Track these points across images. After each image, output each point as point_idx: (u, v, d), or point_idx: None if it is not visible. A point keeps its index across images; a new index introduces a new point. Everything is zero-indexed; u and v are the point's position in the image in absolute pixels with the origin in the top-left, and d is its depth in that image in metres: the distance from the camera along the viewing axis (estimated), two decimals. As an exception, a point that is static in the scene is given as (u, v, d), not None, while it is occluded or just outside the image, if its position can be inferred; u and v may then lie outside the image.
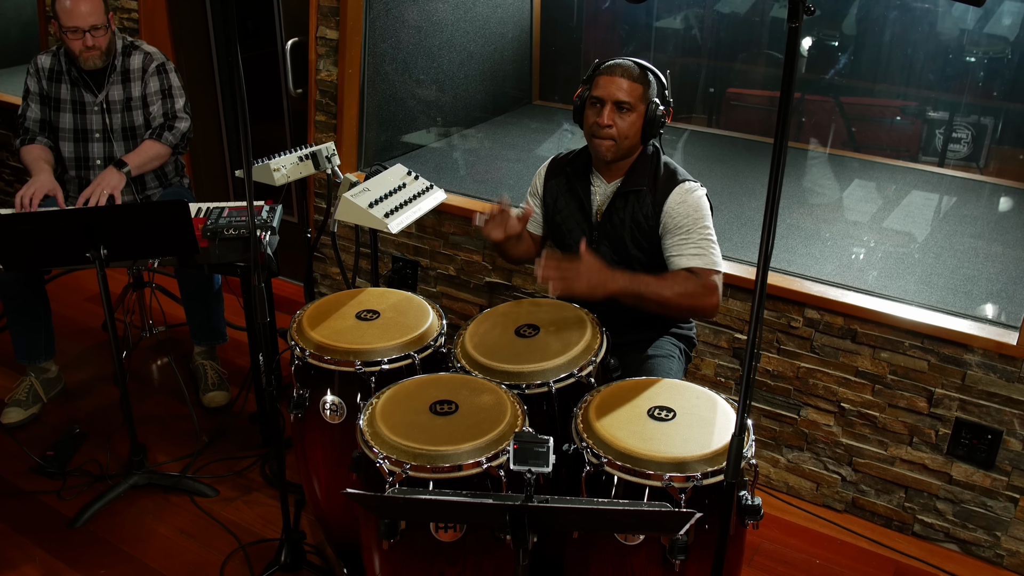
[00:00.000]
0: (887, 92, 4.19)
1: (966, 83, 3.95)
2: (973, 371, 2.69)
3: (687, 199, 2.43)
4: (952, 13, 3.93)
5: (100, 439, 3.26)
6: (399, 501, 1.45)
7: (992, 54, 3.94)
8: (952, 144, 4.01)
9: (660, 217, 2.44)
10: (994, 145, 3.95)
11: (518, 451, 1.59)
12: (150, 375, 3.72)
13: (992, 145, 3.97)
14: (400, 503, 1.45)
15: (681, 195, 2.44)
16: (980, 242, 3.25)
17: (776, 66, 4.45)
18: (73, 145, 3.36)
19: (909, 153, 4.13)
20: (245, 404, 3.41)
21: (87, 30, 3.11)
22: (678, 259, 2.43)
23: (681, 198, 2.43)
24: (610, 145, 2.43)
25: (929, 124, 4.06)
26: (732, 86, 4.58)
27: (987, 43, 3.94)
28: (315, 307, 2.56)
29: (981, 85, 3.93)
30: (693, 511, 1.41)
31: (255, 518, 2.92)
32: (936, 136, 4.04)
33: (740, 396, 1.69)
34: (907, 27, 4.01)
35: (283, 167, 3.04)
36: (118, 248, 2.65)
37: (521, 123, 4.52)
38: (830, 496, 3.03)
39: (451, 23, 4.02)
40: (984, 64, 3.92)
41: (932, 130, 4.06)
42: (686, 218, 2.42)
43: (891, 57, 4.12)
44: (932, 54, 3.98)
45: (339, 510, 2.53)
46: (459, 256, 3.60)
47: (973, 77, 3.93)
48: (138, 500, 2.97)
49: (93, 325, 4.04)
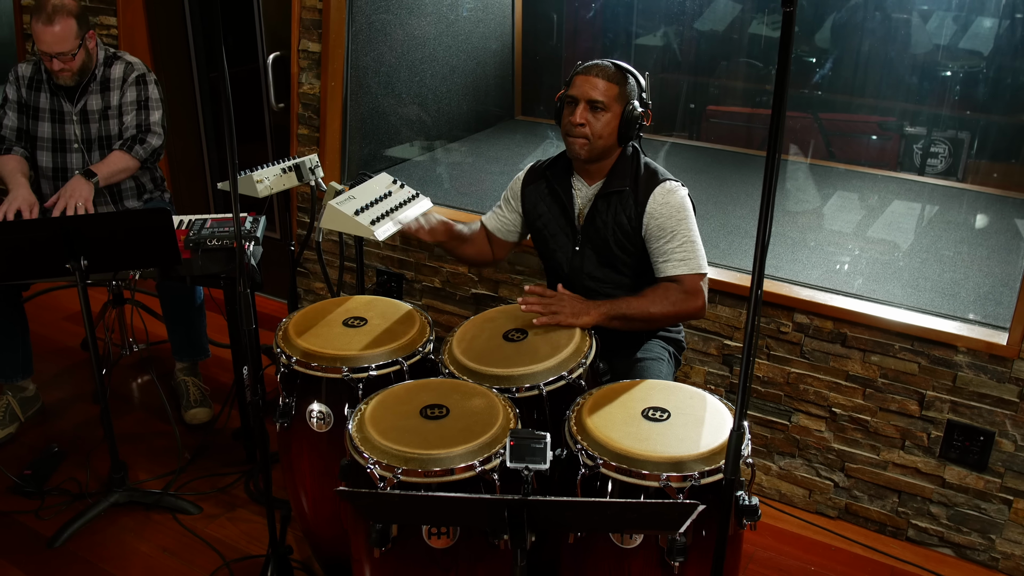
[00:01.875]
0: (864, 107, 4.22)
1: (944, 97, 3.98)
2: (964, 372, 2.68)
3: (669, 199, 2.42)
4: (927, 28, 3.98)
5: (79, 458, 3.18)
6: (394, 499, 1.41)
7: (968, 68, 3.98)
8: (930, 159, 4.04)
9: (643, 218, 2.43)
10: (971, 159, 3.98)
11: (515, 448, 1.56)
12: (130, 393, 3.65)
13: (969, 159, 4.00)
14: (395, 501, 1.41)
15: (663, 195, 2.42)
16: (964, 247, 3.26)
17: (755, 81, 4.48)
18: (51, 155, 3.31)
19: (888, 166, 4.16)
20: (228, 421, 3.35)
21: (54, 56, 3.08)
22: (664, 266, 2.42)
23: (663, 198, 2.42)
24: (583, 143, 2.41)
25: (907, 139, 4.09)
26: (711, 102, 4.60)
27: (963, 57, 3.98)
28: (301, 315, 2.52)
29: (957, 99, 3.97)
30: (696, 503, 1.38)
31: (239, 535, 2.86)
32: (914, 151, 4.07)
33: (739, 388, 1.66)
34: (883, 42, 4.04)
35: (266, 179, 3.01)
36: (99, 259, 2.60)
37: (504, 137, 4.52)
38: (823, 503, 3.01)
39: (433, 37, 4.02)
40: (960, 78, 3.96)
41: (910, 145, 4.09)
42: (669, 219, 2.41)
43: (868, 72, 4.15)
44: (908, 69, 4.02)
45: (326, 523, 2.48)
46: (444, 268, 3.56)
47: (949, 92, 3.97)
48: (119, 518, 2.90)
49: (71, 344, 3.96)
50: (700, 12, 4.53)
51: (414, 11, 3.86)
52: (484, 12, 4.35)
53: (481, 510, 1.43)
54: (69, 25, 3.06)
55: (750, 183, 3.96)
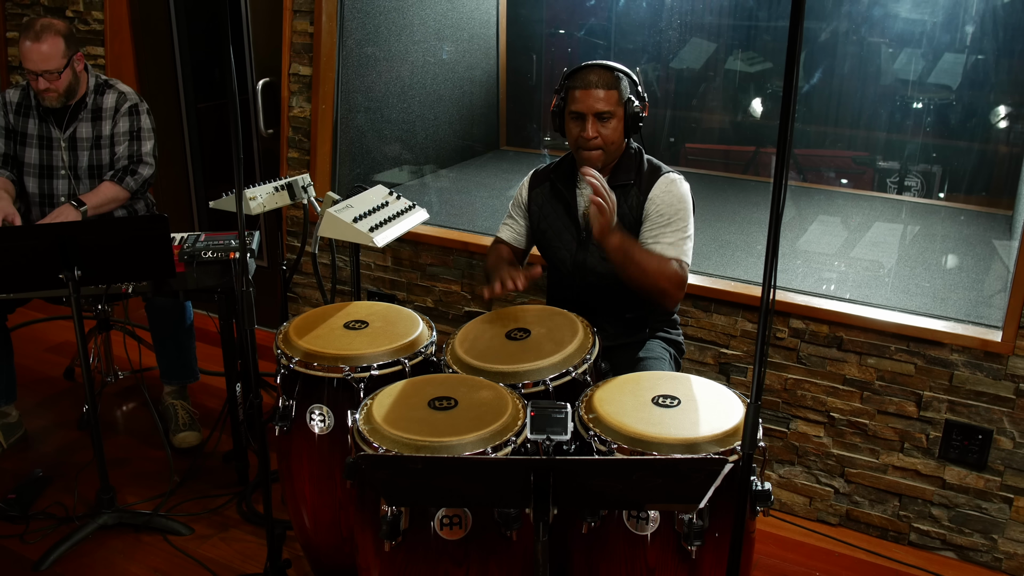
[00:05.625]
0: (839, 141, 4.31)
1: (919, 131, 4.08)
2: (960, 371, 2.70)
3: (671, 189, 2.46)
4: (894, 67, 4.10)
5: (64, 483, 3.09)
6: (416, 465, 1.38)
7: (938, 101, 4.10)
8: (904, 193, 4.13)
9: (644, 205, 2.46)
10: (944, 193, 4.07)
11: (535, 418, 1.54)
12: (115, 420, 3.57)
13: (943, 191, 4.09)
14: (418, 468, 1.38)
15: (666, 185, 2.46)
16: (950, 256, 3.32)
17: (731, 114, 4.58)
18: (38, 181, 3.28)
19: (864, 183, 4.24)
20: (219, 444, 3.29)
21: (40, 74, 3.08)
22: (654, 246, 2.43)
23: (666, 187, 2.46)
24: (599, 155, 2.45)
25: (880, 173, 4.19)
26: (688, 139, 4.69)
27: (932, 91, 4.09)
28: (302, 318, 2.50)
29: (929, 130, 4.08)
30: (725, 458, 1.37)
31: (234, 554, 2.78)
32: (888, 185, 4.16)
33: (755, 361, 1.66)
34: (854, 78, 4.16)
35: (259, 195, 3.00)
36: (93, 269, 2.57)
37: (491, 165, 4.57)
38: (824, 510, 2.99)
39: (421, 65, 4.07)
40: (931, 110, 4.07)
41: (883, 179, 4.18)
42: (669, 207, 2.44)
43: (840, 107, 4.26)
44: (880, 104, 4.13)
45: (326, 530, 2.42)
46: (437, 287, 3.56)
47: (920, 125, 4.08)
48: (108, 540, 2.81)
49: (54, 375, 3.88)
50: (676, 51, 4.64)
51: (402, 37, 3.91)
52: (469, 44, 4.42)
53: (506, 476, 1.41)
54: (56, 43, 3.07)
55: (735, 202, 4.02)
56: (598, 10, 4.77)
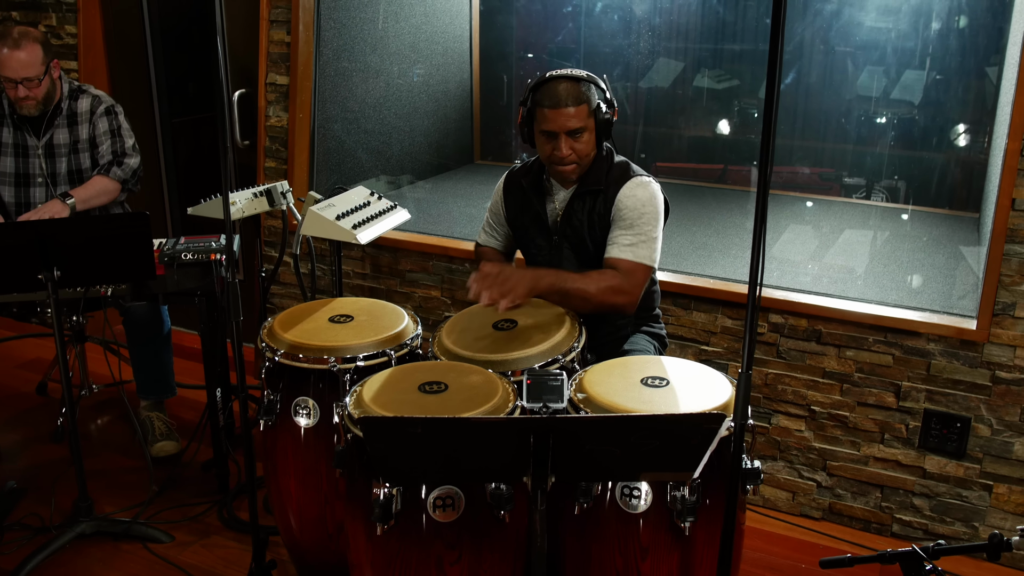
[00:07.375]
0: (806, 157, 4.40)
1: (885, 145, 4.19)
2: (937, 360, 2.75)
3: (637, 192, 2.46)
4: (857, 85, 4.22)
5: (39, 495, 3.03)
6: (416, 427, 1.37)
7: (900, 115, 4.21)
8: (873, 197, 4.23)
9: (611, 210, 2.47)
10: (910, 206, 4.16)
11: (531, 387, 1.55)
12: (90, 433, 3.52)
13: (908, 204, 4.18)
14: (418, 431, 1.38)
15: (633, 187, 2.46)
16: (922, 255, 3.38)
17: (701, 131, 4.67)
18: (14, 190, 3.25)
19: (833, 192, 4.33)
20: (196, 454, 3.24)
21: (19, 81, 3.07)
22: (610, 248, 2.44)
23: (632, 191, 2.46)
24: (573, 168, 2.47)
25: (846, 189, 4.28)
26: (659, 156, 4.77)
27: (896, 107, 4.21)
28: (287, 314, 2.49)
29: (892, 143, 4.18)
30: (723, 413, 1.38)
31: (216, 560, 2.73)
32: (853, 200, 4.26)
33: (746, 321, 1.68)
34: (820, 94, 4.27)
35: (239, 201, 3.00)
36: (72, 269, 2.54)
37: (468, 178, 4.60)
38: (807, 504, 3.01)
39: (396, 77, 4.10)
40: (895, 125, 4.18)
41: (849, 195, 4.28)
42: (632, 210, 2.44)
43: (807, 124, 4.37)
44: (845, 120, 4.24)
45: (312, 526, 2.40)
46: (416, 293, 3.56)
47: (883, 139, 4.18)
48: (86, 549, 2.76)
49: (26, 391, 3.81)
50: (646, 70, 4.73)
51: (377, 49, 3.94)
52: (444, 58, 4.47)
53: (505, 439, 1.41)
54: (35, 51, 3.06)
55: (707, 208, 4.09)
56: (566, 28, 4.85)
